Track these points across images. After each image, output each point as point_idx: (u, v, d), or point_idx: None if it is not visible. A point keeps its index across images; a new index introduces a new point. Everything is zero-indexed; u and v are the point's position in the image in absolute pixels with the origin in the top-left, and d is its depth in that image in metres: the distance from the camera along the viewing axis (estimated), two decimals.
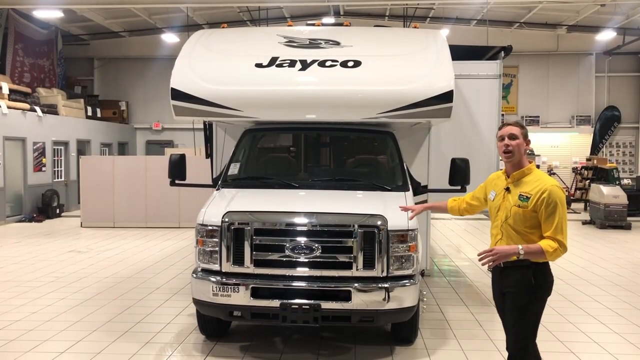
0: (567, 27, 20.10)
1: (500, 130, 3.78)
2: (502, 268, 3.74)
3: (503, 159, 3.76)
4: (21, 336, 5.82)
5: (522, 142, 3.69)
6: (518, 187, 3.68)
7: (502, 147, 3.70)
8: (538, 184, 3.61)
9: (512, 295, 3.72)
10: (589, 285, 8.14)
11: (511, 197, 3.69)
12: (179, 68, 5.96)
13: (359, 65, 5.76)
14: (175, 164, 6.24)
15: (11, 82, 16.64)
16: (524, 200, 3.60)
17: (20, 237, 12.56)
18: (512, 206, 3.66)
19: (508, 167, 3.77)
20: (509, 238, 3.69)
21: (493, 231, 3.86)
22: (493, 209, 3.85)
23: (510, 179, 3.74)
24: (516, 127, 3.70)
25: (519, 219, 3.64)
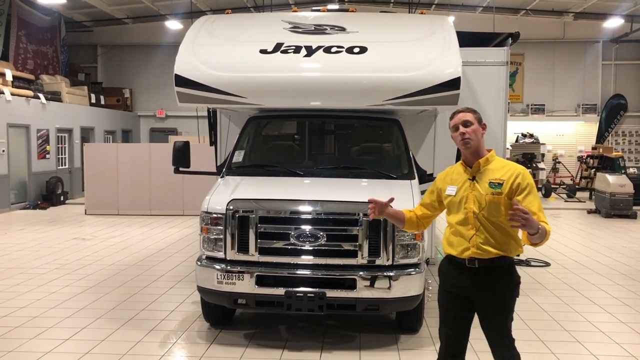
0: (574, 14, 19.91)
1: (453, 119, 3.48)
2: (477, 268, 3.37)
3: (461, 148, 3.44)
4: (25, 323, 5.82)
5: (478, 127, 3.42)
6: (485, 175, 3.39)
7: (459, 136, 3.41)
8: (507, 170, 3.38)
9: (498, 307, 3.39)
10: (595, 275, 8.10)
11: (480, 187, 3.37)
12: (183, 54, 5.90)
13: (365, 51, 5.69)
14: (180, 152, 6.21)
15: (15, 69, 16.61)
16: (496, 187, 3.33)
17: (24, 224, 12.58)
18: (485, 195, 3.34)
19: (468, 156, 3.45)
20: (487, 231, 3.34)
21: (460, 228, 3.41)
22: (455, 204, 3.46)
23: (475, 168, 3.42)
24: (469, 112, 3.45)
25: (494, 208, 3.33)
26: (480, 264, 3.36)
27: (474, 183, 3.40)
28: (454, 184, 3.48)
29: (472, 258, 3.37)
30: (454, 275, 3.49)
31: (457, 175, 3.51)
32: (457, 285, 3.47)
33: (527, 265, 8.64)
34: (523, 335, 5.57)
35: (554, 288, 7.34)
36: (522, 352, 5.05)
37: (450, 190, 3.49)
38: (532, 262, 8.77)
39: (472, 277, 3.40)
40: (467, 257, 3.39)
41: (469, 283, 3.41)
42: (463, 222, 3.41)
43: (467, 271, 3.40)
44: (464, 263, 3.40)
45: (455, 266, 3.48)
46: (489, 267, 3.36)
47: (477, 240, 3.35)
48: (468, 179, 3.43)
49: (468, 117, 3.42)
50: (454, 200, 3.45)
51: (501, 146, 7.57)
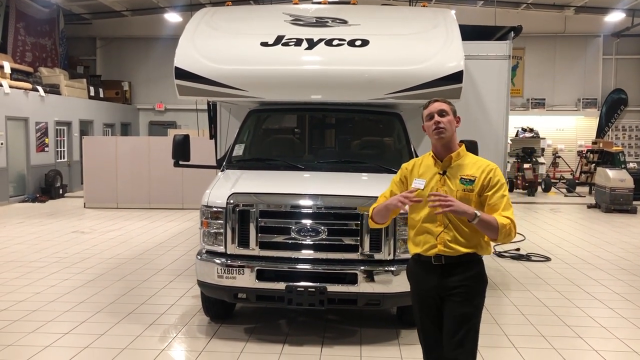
0: (575, 8, 19.81)
1: (428, 107, 3.29)
2: (443, 265, 3.20)
3: (433, 138, 3.25)
4: (25, 317, 5.80)
5: (453, 119, 3.25)
6: (456, 170, 3.22)
7: (432, 125, 3.21)
8: (479, 166, 3.23)
9: (466, 295, 3.19)
10: (595, 270, 8.09)
11: (451, 182, 3.20)
12: (183, 47, 5.85)
13: (367, 44, 5.64)
14: (179, 145, 6.16)
15: (13, 62, 16.52)
16: (467, 183, 3.18)
17: (23, 217, 12.54)
18: (456, 191, 3.17)
19: (439, 149, 3.26)
20: (456, 229, 3.17)
21: (427, 225, 3.23)
22: (423, 197, 3.21)
23: (446, 162, 3.24)
24: (445, 103, 3.28)
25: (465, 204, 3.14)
26: (447, 261, 3.20)
27: (445, 178, 3.23)
28: (422, 177, 3.28)
29: (438, 255, 3.21)
30: (421, 275, 3.32)
31: (425, 168, 3.32)
32: (426, 286, 3.30)
33: (528, 260, 8.63)
34: (524, 331, 5.56)
35: (555, 283, 7.33)
36: (523, 347, 5.09)
37: (417, 183, 3.27)
38: (532, 256, 8.76)
39: (438, 274, 3.23)
40: (433, 255, 3.22)
41: (436, 281, 3.24)
42: (430, 219, 3.22)
43: (433, 269, 3.24)
44: (429, 261, 3.23)
45: (421, 265, 3.31)
46: (456, 263, 3.20)
47: (445, 237, 3.19)
48: (438, 173, 3.25)
49: (444, 106, 3.25)
50: (422, 194, 3.21)
51: (503, 140, 7.51)
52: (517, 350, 5.05)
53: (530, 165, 17.91)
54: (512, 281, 7.44)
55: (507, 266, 8.24)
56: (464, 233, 3.18)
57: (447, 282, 3.21)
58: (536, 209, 14.89)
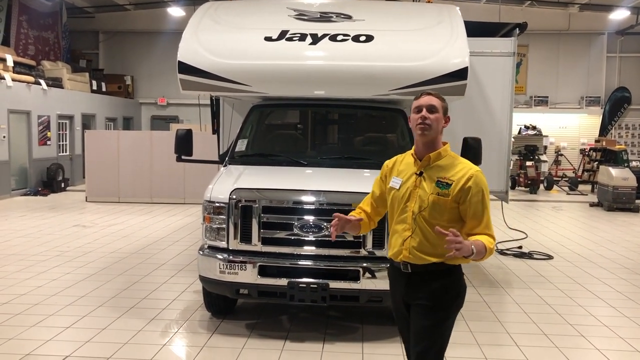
0: (579, 5, 19.74)
1: (418, 99, 3.03)
2: (410, 274, 3.02)
3: (416, 134, 3.01)
4: (26, 310, 5.79)
5: (442, 117, 2.99)
6: (434, 171, 2.98)
7: (418, 119, 2.95)
8: (460, 169, 2.98)
9: (427, 307, 2.98)
10: (598, 268, 8.06)
11: (427, 184, 2.97)
12: (186, 41, 5.82)
13: (371, 40, 5.61)
14: (182, 140, 6.14)
15: (16, 55, 16.49)
16: (443, 187, 2.93)
17: (25, 210, 12.54)
18: (429, 195, 2.95)
19: (420, 147, 3.03)
20: (423, 235, 2.96)
21: (398, 227, 3.05)
22: (397, 199, 3.05)
23: (424, 162, 3.00)
24: (437, 98, 3.01)
25: (437, 210, 2.95)
26: (413, 269, 3.01)
27: (421, 179, 3.00)
28: (400, 176, 3.08)
29: (404, 262, 3.02)
30: (393, 279, 3.18)
31: (405, 166, 3.10)
32: (396, 293, 3.15)
33: (530, 258, 8.60)
34: (526, 329, 5.54)
35: (557, 281, 7.31)
36: (526, 345, 5.07)
37: (394, 182, 3.08)
38: (534, 254, 8.74)
39: (405, 282, 3.06)
40: (400, 261, 3.04)
41: (403, 289, 3.08)
42: (401, 221, 3.03)
43: (401, 276, 3.07)
44: (399, 267, 3.06)
45: (394, 270, 3.15)
46: (422, 272, 2.99)
47: (411, 243, 2.98)
48: (415, 173, 3.02)
49: (435, 102, 2.99)
50: (397, 195, 3.05)
51: (507, 138, 7.49)
52: (520, 348, 5.04)
53: (533, 163, 17.86)
54: (514, 279, 7.42)
55: (509, 264, 8.22)
56: (432, 240, 2.94)
57: (412, 291, 3.04)
58: (538, 207, 14.85)
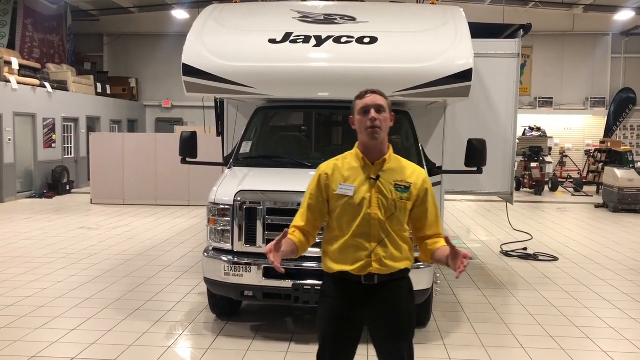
0: (583, 6, 19.69)
1: (362, 99, 2.85)
2: (374, 285, 2.84)
3: (366, 137, 2.83)
4: (31, 312, 5.81)
5: (389, 116, 2.85)
6: (389, 175, 2.85)
7: (367, 121, 2.78)
8: (411, 171, 2.91)
9: (399, 312, 2.90)
10: (604, 270, 8.03)
11: (385, 189, 2.82)
12: (191, 43, 5.83)
13: (376, 41, 5.60)
14: (187, 142, 6.15)
15: (21, 58, 16.56)
16: (403, 191, 2.82)
17: (30, 212, 12.58)
18: (392, 200, 2.81)
19: (370, 150, 2.86)
20: (390, 242, 2.83)
21: (358, 238, 2.82)
22: (352, 207, 2.82)
23: (378, 165, 2.85)
24: (382, 96, 2.86)
25: (402, 215, 2.85)
26: (379, 280, 2.84)
27: (377, 183, 2.82)
28: (349, 182, 2.84)
29: (370, 274, 2.82)
30: (344, 294, 2.88)
31: (351, 172, 2.87)
32: (348, 310, 2.89)
33: (535, 259, 8.58)
34: (532, 331, 5.52)
35: (563, 283, 7.28)
36: (532, 347, 5.05)
37: (344, 189, 2.83)
38: (539, 256, 8.71)
39: (368, 294, 2.86)
40: (364, 274, 2.82)
41: (363, 302, 2.86)
42: (363, 232, 2.80)
43: (361, 288, 2.85)
44: (359, 280, 2.84)
45: (345, 284, 2.87)
46: (388, 281, 2.86)
47: (381, 253, 2.80)
48: (370, 177, 2.84)
49: (381, 101, 2.84)
50: (351, 202, 2.81)
51: (511, 139, 7.47)
52: (525, 350, 5.02)
53: (538, 164, 17.82)
54: (520, 281, 7.40)
55: (514, 265, 8.20)
56: (398, 246, 2.85)
57: (375, 304, 2.86)
58: (543, 209, 14.81)
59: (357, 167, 2.87)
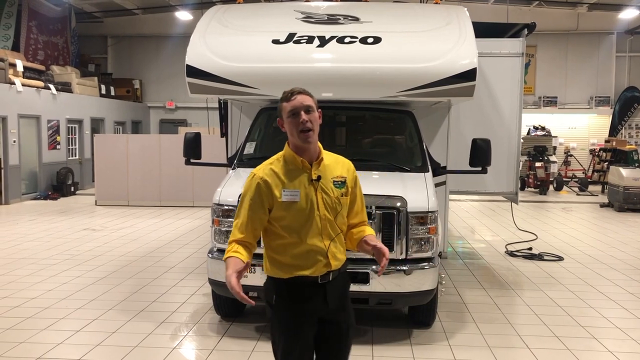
0: (588, 5, 19.63)
1: (290, 101, 2.76)
2: (329, 282, 2.83)
3: (300, 140, 2.75)
4: (37, 314, 5.82)
5: (317, 115, 2.80)
6: (326, 172, 2.83)
7: (299, 125, 2.72)
8: (341, 164, 2.91)
9: (347, 306, 2.97)
10: (609, 269, 7.99)
11: (327, 188, 2.81)
12: (194, 45, 5.84)
13: (379, 41, 5.60)
14: (191, 143, 6.15)
15: (25, 60, 16.62)
16: (341, 186, 2.84)
17: (35, 214, 12.61)
18: (335, 197, 2.82)
19: (304, 152, 2.79)
20: (338, 239, 2.86)
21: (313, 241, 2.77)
22: (301, 212, 2.75)
23: (315, 166, 2.81)
24: (308, 96, 2.80)
25: (344, 210, 2.88)
26: (333, 276, 2.85)
27: (320, 184, 2.79)
28: (291, 187, 2.76)
29: (327, 272, 2.82)
30: (303, 298, 2.82)
31: (289, 176, 2.78)
32: (308, 310, 2.83)
33: (540, 259, 8.55)
34: (537, 331, 5.50)
35: (568, 283, 7.25)
36: (537, 348, 5.03)
37: (290, 195, 2.74)
38: (545, 256, 8.68)
39: (324, 292, 2.83)
40: (321, 274, 2.81)
41: (322, 301, 2.83)
42: (316, 234, 2.77)
43: (317, 289, 2.82)
44: (315, 281, 2.80)
45: (301, 286, 2.82)
46: (338, 274, 2.89)
47: (333, 250, 2.82)
48: (311, 179, 2.78)
49: (309, 101, 2.78)
50: (299, 207, 2.75)
51: (516, 139, 7.46)
52: (531, 350, 5.00)
53: (542, 163, 17.76)
54: (525, 280, 7.37)
55: (519, 265, 8.17)
56: (342, 240, 2.91)
57: (332, 299, 2.85)
58: (548, 208, 14.77)
59: (295, 169, 2.80)
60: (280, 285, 2.84)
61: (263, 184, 2.77)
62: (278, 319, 2.87)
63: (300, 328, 2.83)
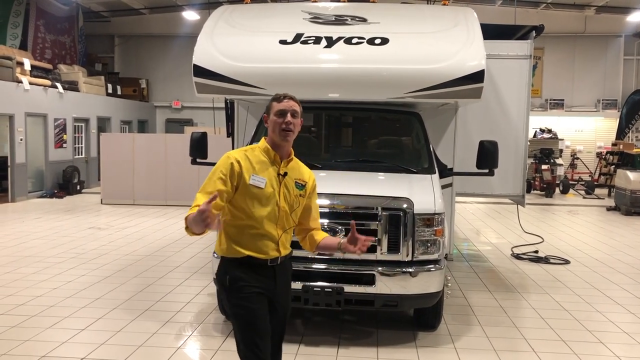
0: (595, 7, 19.53)
1: (280, 102, 3.08)
2: (278, 264, 3.11)
3: (279, 137, 3.05)
4: (42, 312, 5.82)
5: (300, 121, 3.12)
6: (292, 172, 3.14)
7: (282, 124, 3.03)
8: (304, 171, 3.24)
9: (289, 292, 3.29)
10: (616, 273, 7.94)
11: (289, 185, 3.11)
12: (202, 44, 5.83)
13: (387, 42, 5.58)
14: (197, 143, 6.14)
15: (33, 59, 16.67)
16: (300, 188, 3.15)
17: (41, 212, 12.65)
18: (294, 195, 3.13)
19: (279, 149, 3.10)
20: (290, 232, 3.19)
21: (267, 227, 3.04)
22: (264, 198, 3.02)
23: (285, 163, 3.12)
24: (297, 103, 3.10)
25: (299, 209, 3.19)
26: (280, 260, 3.13)
27: (284, 180, 3.10)
28: (259, 175, 3.04)
29: (275, 257, 3.10)
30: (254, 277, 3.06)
31: (260, 165, 3.06)
32: (260, 287, 3.08)
33: (547, 262, 8.50)
34: (544, 335, 5.47)
35: (574, 286, 7.21)
36: (544, 352, 5.00)
37: (257, 180, 3.02)
38: (551, 259, 8.64)
39: (273, 274, 3.11)
40: (270, 257, 3.08)
41: (272, 281, 3.11)
42: (272, 222, 3.06)
43: (267, 269, 3.08)
44: (265, 263, 3.07)
45: (252, 266, 3.06)
46: (284, 260, 3.17)
47: (284, 241, 3.12)
48: (279, 174, 3.09)
49: (297, 107, 3.09)
50: (262, 193, 3.02)
51: (523, 141, 7.42)
52: (537, 354, 4.97)
53: (549, 166, 17.68)
54: (531, 284, 7.33)
55: (525, 268, 8.13)
56: (291, 233, 3.23)
57: (280, 281, 3.15)
58: (554, 211, 14.70)
59: (265, 161, 3.09)
60: (233, 265, 3.07)
61: (236, 164, 3.03)
62: (232, 297, 3.08)
63: (255, 304, 3.06)
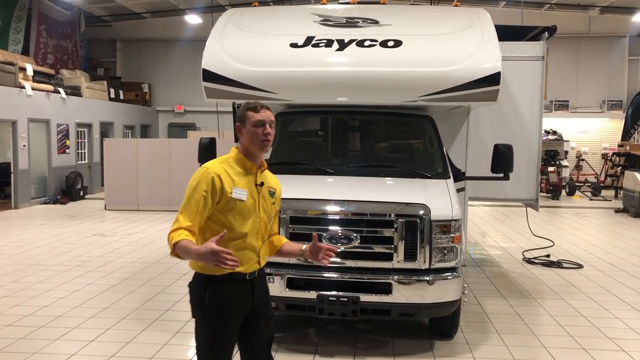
0: (600, 8, 19.43)
1: (258, 112, 3.02)
2: (255, 277, 3.06)
3: (257, 147, 3.01)
4: (49, 323, 5.70)
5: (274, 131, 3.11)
6: (266, 181, 3.14)
7: (261, 135, 2.99)
8: (273, 179, 3.24)
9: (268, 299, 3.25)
10: (631, 277, 7.81)
11: (265, 195, 3.11)
12: (211, 48, 5.72)
13: (400, 45, 5.46)
14: (206, 148, 5.99)
15: (35, 64, 16.59)
16: (271, 196, 3.16)
17: (44, 219, 12.53)
18: (270, 204, 3.14)
19: (255, 159, 3.06)
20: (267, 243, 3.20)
21: (251, 240, 3.00)
22: (247, 210, 2.98)
23: (259, 173, 3.10)
24: (271, 112, 3.10)
25: (275, 218, 3.23)
26: (259, 273, 3.11)
27: (262, 190, 3.09)
28: (240, 186, 3.00)
29: (255, 270, 3.07)
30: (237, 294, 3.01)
31: (237, 177, 3.01)
32: (238, 307, 3.03)
33: (559, 267, 8.37)
34: (564, 343, 5.33)
35: (590, 291, 7.07)
36: None
37: (239, 193, 2.97)
38: (564, 263, 8.50)
39: (251, 288, 3.05)
40: (250, 271, 3.03)
41: (250, 296, 3.05)
42: (253, 234, 3.02)
43: (245, 285, 3.03)
44: (244, 277, 3.00)
45: (232, 285, 2.98)
46: (261, 270, 3.15)
47: (263, 252, 3.11)
48: (256, 184, 3.06)
49: (273, 118, 3.08)
50: (244, 206, 2.98)
51: (536, 144, 7.29)
52: None
53: (555, 168, 17.55)
54: (545, 289, 7.20)
55: (538, 273, 8.00)
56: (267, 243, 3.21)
57: (258, 295, 3.11)
58: (561, 213, 14.57)
59: (241, 172, 3.04)
60: (211, 282, 2.97)
61: (217, 179, 2.94)
62: (208, 315, 3.00)
63: (229, 333, 3.03)
